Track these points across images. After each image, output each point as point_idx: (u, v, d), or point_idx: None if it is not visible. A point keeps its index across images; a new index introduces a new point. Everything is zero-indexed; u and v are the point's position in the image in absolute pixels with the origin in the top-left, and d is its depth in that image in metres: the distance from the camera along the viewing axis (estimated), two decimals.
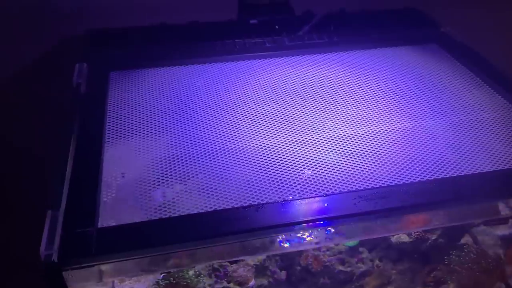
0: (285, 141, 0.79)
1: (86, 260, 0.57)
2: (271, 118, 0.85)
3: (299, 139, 0.80)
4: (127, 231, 0.61)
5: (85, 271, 0.57)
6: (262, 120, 0.85)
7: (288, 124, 0.84)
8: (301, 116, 0.86)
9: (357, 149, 0.77)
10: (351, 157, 0.76)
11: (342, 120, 0.85)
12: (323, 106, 0.89)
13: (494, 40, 1.21)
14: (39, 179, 0.94)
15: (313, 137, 0.80)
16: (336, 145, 0.78)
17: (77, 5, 1.15)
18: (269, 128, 0.83)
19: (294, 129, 0.82)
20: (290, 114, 0.87)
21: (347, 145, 0.78)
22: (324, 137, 0.80)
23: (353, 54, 1.08)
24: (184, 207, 0.66)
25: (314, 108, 0.88)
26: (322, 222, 0.63)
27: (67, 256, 0.57)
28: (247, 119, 0.85)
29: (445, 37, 1.13)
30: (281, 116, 0.86)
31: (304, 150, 0.77)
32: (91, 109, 0.86)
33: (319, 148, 0.78)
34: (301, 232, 0.62)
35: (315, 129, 0.82)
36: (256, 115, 0.86)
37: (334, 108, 0.88)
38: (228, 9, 1.17)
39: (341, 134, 0.81)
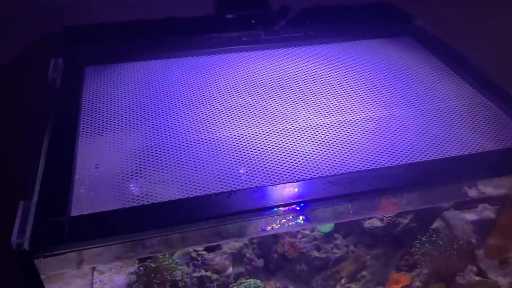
0: (259, 131, 0.81)
1: (58, 248, 0.57)
2: (246, 110, 0.86)
3: (273, 129, 0.81)
4: (100, 219, 0.62)
5: (57, 259, 0.57)
6: (237, 112, 0.86)
7: (262, 115, 0.85)
8: (276, 107, 0.87)
9: (330, 138, 0.79)
10: (323, 146, 0.77)
11: (316, 111, 0.86)
12: (298, 98, 0.90)
13: (465, 32, 1.24)
14: (17, 174, 0.94)
15: (286, 127, 0.82)
16: (309, 134, 0.80)
17: (54, 1, 1.15)
18: (244, 119, 0.84)
19: (268, 120, 0.84)
20: (265, 105, 0.88)
21: (320, 134, 0.80)
22: (297, 127, 0.82)
23: (328, 47, 1.09)
24: (157, 196, 0.67)
25: (289, 100, 0.90)
26: (292, 206, 0.64)
27: (38, 244, 0.57)
28: (223, 111, 0.86)
29: (418, 30, 1.16)
30: (256, 107, 0.87)
31: (278, 139, 0.79)
32: (66, 103, 0.86)
33: (292, 137, 0.79)
34: (270, 217, 0.64)
35: (289, 119, 0.84)
36: (231, 107, 0.87)
37: (309, 99, 0.90)
38: (204, 4, 1.18)
39: (314, 124, 0.83)
